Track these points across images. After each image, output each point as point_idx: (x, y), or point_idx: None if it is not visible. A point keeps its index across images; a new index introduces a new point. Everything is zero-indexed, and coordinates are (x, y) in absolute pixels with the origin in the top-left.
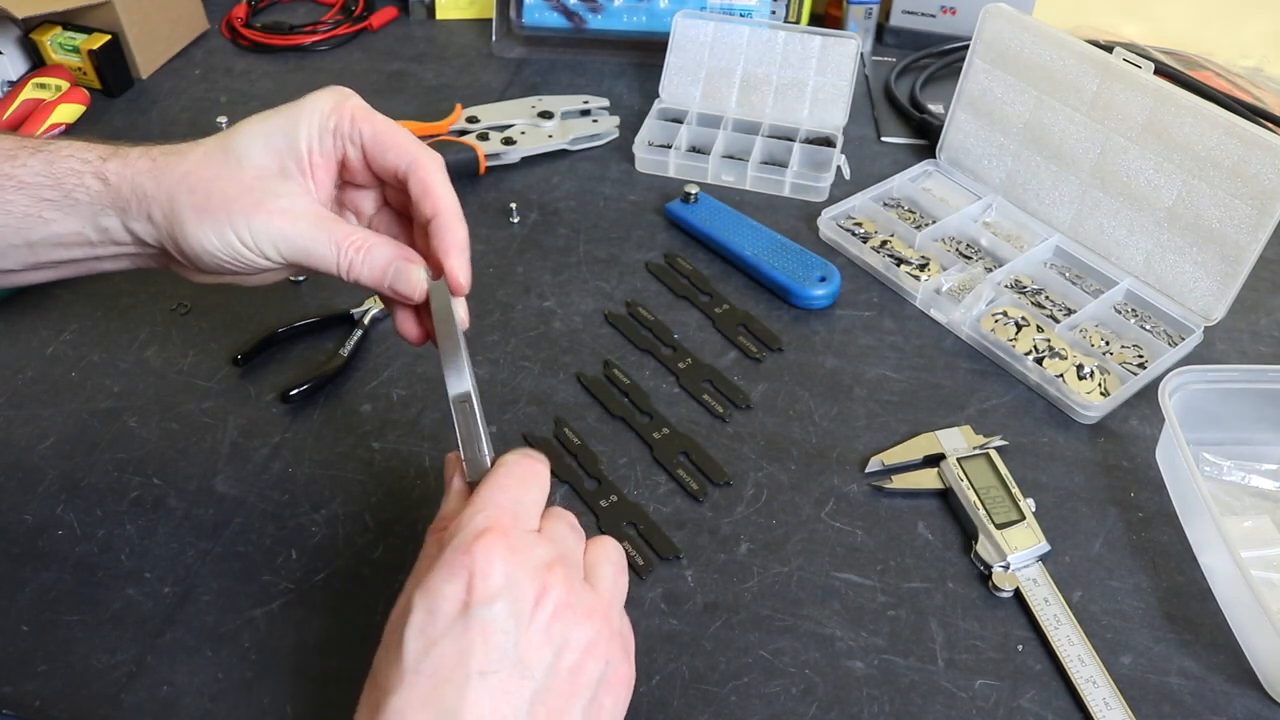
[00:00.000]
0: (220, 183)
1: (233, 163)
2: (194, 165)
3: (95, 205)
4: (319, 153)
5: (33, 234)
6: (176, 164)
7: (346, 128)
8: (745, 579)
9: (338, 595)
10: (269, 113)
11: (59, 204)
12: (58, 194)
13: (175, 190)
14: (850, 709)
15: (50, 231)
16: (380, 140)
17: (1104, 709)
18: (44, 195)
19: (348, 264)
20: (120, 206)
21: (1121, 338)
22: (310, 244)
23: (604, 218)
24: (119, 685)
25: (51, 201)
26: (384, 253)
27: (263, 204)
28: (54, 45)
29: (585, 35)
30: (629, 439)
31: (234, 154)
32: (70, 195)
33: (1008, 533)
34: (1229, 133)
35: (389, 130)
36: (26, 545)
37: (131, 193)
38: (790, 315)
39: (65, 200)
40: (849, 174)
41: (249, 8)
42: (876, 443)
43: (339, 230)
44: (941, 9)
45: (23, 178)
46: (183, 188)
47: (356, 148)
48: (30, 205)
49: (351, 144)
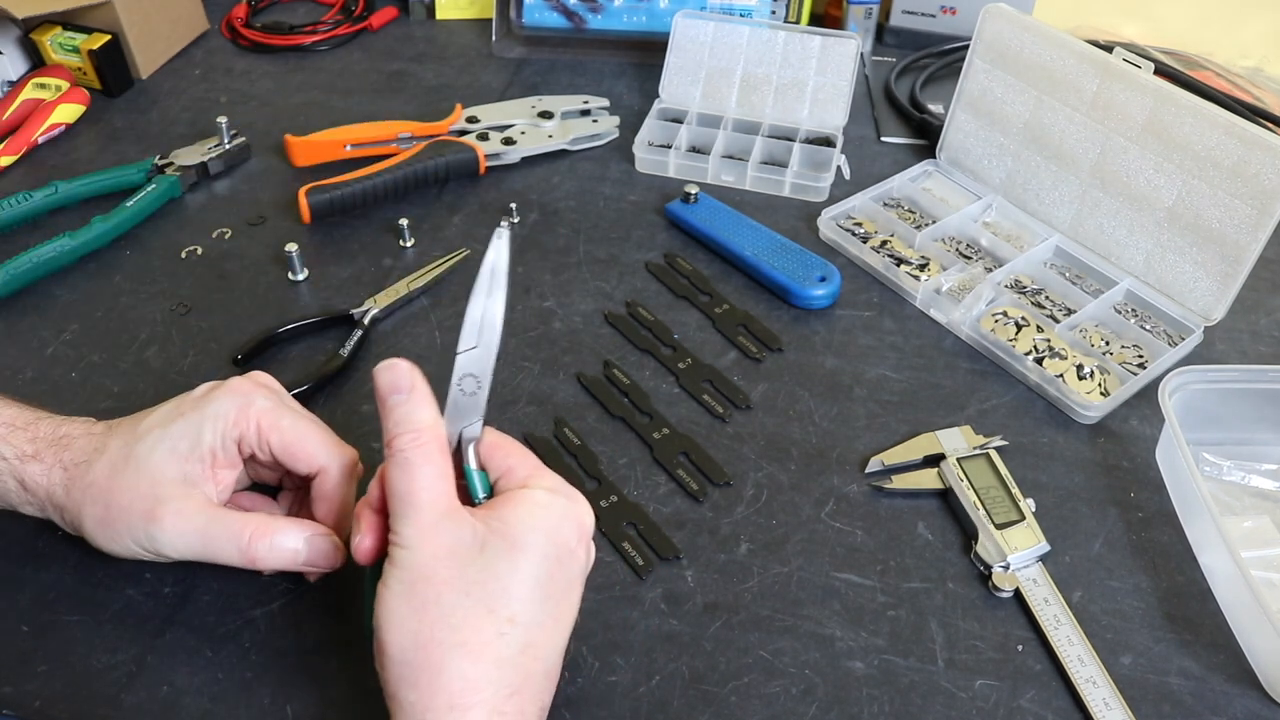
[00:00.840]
0: (119, 495)
1: (132, 472)
2: (98, 476)
3: (13, 498)
4: (222, 458)
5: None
6: (84, 474)
7: (253, 438)
8: (745, 579)
9: (338, 595)
10: (172, 413)
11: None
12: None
13: (81, 502)
14: (850, 709)
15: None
16: (289, 451)
17: (1104, 709)
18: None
19: (253, 557)
20: (37, 504)
21: (1121, 338)
22: (208, 545)
23: (604, 218)
24: (119, 685)
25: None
26: (290, 534)
27: (155, 512)
28: (54, 45)
29: (585, 35)
30: (629, 439)
31: (134, 462)
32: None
33: (1008, 533)
34: (1229, 133)
35: (297, 441)
36: (26, 545)
37: (47, 499)
38: (790, 315)
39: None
40: (849, 174)
41: (249, 8)
42: (876, 443)
43: (234, 525)
44: (941, 9)
45: None
46: (87, 499)
47: (265, 454)
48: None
49: (260, 450)
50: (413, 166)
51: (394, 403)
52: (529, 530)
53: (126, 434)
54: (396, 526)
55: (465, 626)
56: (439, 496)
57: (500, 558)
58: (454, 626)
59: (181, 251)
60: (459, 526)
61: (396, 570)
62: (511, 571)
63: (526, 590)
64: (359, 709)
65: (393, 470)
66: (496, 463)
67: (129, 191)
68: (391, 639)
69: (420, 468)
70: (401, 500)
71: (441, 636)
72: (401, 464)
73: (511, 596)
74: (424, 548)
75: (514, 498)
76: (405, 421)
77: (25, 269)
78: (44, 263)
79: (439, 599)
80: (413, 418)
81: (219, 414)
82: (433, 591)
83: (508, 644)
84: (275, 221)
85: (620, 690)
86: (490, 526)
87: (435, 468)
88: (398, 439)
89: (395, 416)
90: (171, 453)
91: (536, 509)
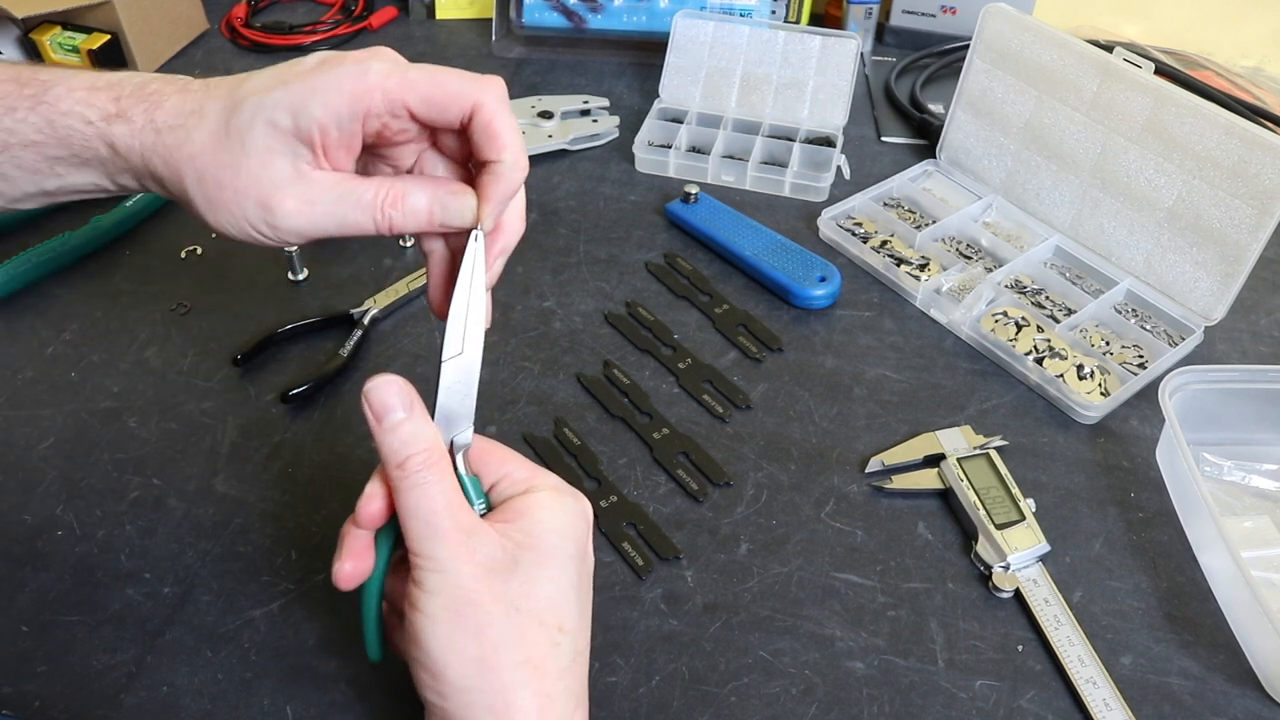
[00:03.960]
0: (227, 172)
1: (235, 147)
2: (199, 148)
3: (108, 167)
4: (336, 135)
5: (47, 184)
6: (181, 143)
7: (379, 105)
8: (745, 579)
9: (338, 595)
10: (274, 79)
11: (68, 161)
12: (65, 152)
13: (183, 174)
14: (850, 709)
15: (65, 183)
16: (432, 100)
17: (1104, 709)
18: (51, 153)
19: (387, 224)
20: (134, 173)
21: (1122, 338)
22: (337, 219)
23: (604, 218)
24: (119, 686)
25: (60, 159)
26: (422, 195)
27: (274, 196)
28: (54, 45)
29: (585, 35)
30: (629, 439)
31: (236, 136)
32: (79, 155)
33: (1008, 533)
34: (1229, 133)
35: (438, 85)
36: (26, 545)
37: (143, 165)
38: (790, 315)
39: (75, 159)
40: (849, 174)
41: (249, 8)
42: (876, 443)
43: (365, 193)
44: (941, 9)
45: (26, 134)
46: (190, 173)
47: (400, 117)
48: (39, 162)
49: (393, 116)
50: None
51: (394, 422)
52: (553, 535)
53: (225, 97)
54: (423, 550)
55: (525, 642)
56: (462, 514)
57: (536, 567)
58: (515, 644)
59: (181, 251)
60: (489, 543)
61: (434, 596)
62: (550, 580)
63: (566, 596)
64: (359, 709)
65: (409, 493)
66: (492, 469)
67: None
68: (451, 666)
69: (437, 487)
70: (424, 523)
71: (505, 657)
72: (419, 485)
73: (556, 605)
74: (461, 569)
75: (527, 505)
76: (412, 441)
77: (25, 269)
78: (44, 263)
79: (492, 619)
80: (420, 436)
81: (332, 87)
82: (483, 613)
83: (563, 653)
84: None
85: (620, 690)
86: (515, 539)
87: (451, 483)
88: (410, 460)
89: (400, 436)
90: (272, 128)
91: (553, 513)
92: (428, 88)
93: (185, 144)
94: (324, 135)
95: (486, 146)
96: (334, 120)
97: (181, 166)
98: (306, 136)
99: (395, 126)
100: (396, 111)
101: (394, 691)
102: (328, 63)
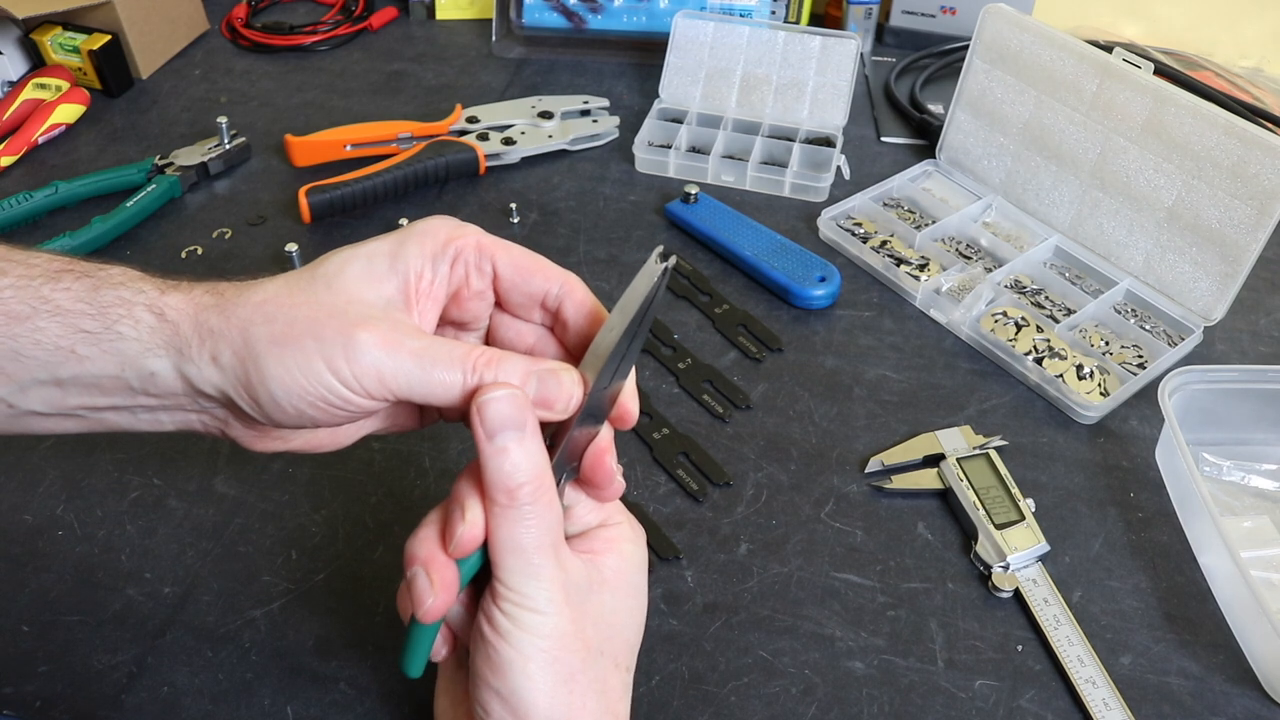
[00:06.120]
0: (306, 309)
1: (320, 288)
2: (272, 294)
3: (143, 344)
4: (430, 281)
5: (62, 370)
6: (249, 294)
7: (472, 256)
8: (745, 579)
9: (338, 595)
10: (364, 242)
11: (98, 337)
12: (98, 325)
13: (249, 322)
14: (850, 709)
15: (83, 370)
16: (524, 266)
17: (1103, 709)
18: (81, 325)
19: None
20: (177, 347)
21: (1121, 338)
22: (425, 371)
23: (604, 218)
24: (119, 686)
25: (89, 334)
26: (519, 364)
27: (359, 329)
28: (54, 45)
29: (585, 35)
30: (629, 439)
31: (322, 279)
32: (113, 328)
33: (1007, 533)
34: (1229, 133)
35: (529, 255)
36: (27, 545)
37: (194, 330)
38: (790, 315)
39: (106, 334)
40: (849, 174)
41: (249, 8)
42: (876, 443)
43: (460, 347)
44: (941, 9)
45: (61, 303)
46: (258, 317)
47: (485, 277)
48: (63, 335)
49: (479, 273)
50: (413, 166)
51: (509, 441)
52: (635, 574)
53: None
54: (516, 586)
55: (607, 690)
56: (566, 554)
57: (616, 609)
58: (600, 693)
59: (182, 251)
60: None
61: (533, 638)
62: (625, 623)
63: (637, 635)
64: (359, 709)
65: (510, 525)
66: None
67: (129, 191)
68: (538, 706)
69: (542, 523)
70: (525, 561)
71: (590, 704)
72: (523, 520)
73: (631, 647)
74: (564, 613)
75: (609, 540)
76: (525, 466)
77: None
78: None
79: (584, 666)
80: (532, 462)
81: (427, 233)
82: (577, 660)
83: (628, 691)
84: (275, 221)
85: None
86: (602, 575)
87: (555, 517)
88: (520, 490)
89: (513, 459)
90: (368, 270)
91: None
92: (519, 253)
93: (254, 293)
94: (419, 279)
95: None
96: (430, 260)
97: (247, 315)
98: (404, 280)
99: (475, 287)
100: (483, 266)
101: (394, 692)
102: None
